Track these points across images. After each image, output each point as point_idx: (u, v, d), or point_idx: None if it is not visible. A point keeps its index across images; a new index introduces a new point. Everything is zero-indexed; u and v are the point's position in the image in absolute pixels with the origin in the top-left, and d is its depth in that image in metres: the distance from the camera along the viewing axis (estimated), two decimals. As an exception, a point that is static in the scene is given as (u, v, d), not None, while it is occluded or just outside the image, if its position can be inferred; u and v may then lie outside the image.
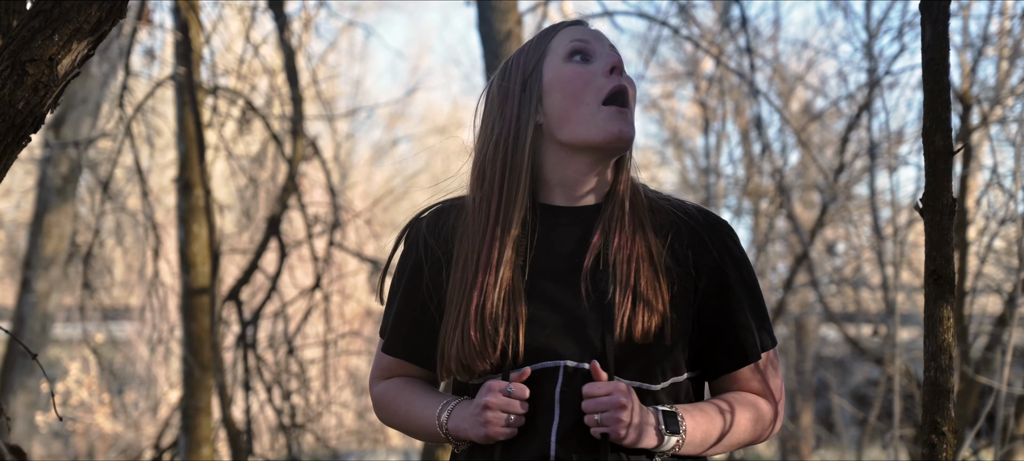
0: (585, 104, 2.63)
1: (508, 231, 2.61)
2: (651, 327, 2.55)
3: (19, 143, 2.67)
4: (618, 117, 2.62)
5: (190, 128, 8.10)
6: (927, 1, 2.69)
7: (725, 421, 2.66)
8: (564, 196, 2.68)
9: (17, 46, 2.60)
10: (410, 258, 2.74)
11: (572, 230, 2.65)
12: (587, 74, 2.65)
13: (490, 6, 7.40)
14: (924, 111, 2.69)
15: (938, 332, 2.67)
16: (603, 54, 2.68)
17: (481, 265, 2.60)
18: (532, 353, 2.57)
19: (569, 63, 2.66)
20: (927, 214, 2.67)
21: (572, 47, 2.68)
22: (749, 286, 2.69)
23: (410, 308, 2.73)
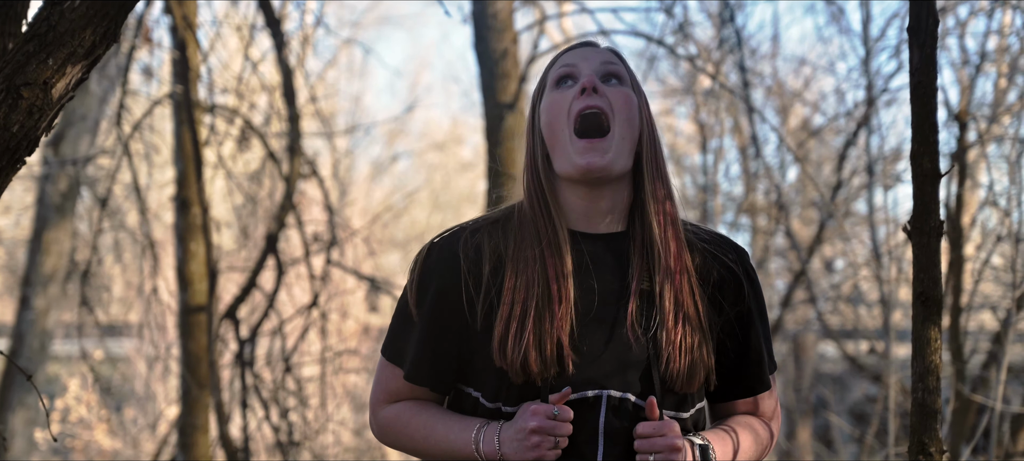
0: (561, 134, 2.63)
1: (562, 257, 2.60)
2: (691, 362, 2.57)
3: (14, 166, 2.69)
4: (586, 150, 2.59)
5: (188, 146, 8.12)
6: (915, 25, 2.71)
7: (735, 447, 2.68)
8: (584, 223, 2.67)
9: (12, 70, 2.62)
10: (433, 284, 2.68)
11: (605, 258, 2.64)
12: (563, 100, 2.64)
13: (486, 26, 7.45)
14: (912, 134, 2.72)
15: (926, 353, 2.69)
16: (585, 72, 2.66)
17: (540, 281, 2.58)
18: (579, 378, 2.56)
19: (554, 91, 2.67)
20: (915, 236, 2.69)
21: (560, 74, 2.69)
22: (764, 317, 2.73)
23: (432, 335, 2.68)
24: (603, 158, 2.59)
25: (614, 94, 2.64)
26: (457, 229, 2.73)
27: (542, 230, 2.62)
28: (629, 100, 2.65)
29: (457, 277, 2.65)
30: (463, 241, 2.68)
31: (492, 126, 7.38)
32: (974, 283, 8.29)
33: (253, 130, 8.28)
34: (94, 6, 2.61)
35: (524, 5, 8.42)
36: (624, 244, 2.65)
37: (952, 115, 8.12)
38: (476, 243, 2.68)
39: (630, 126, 2.64)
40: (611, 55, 2.74)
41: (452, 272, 2.66)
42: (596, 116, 2.61)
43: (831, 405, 13.27)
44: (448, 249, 2.69)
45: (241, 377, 8.29)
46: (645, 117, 2.70)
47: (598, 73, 2.67)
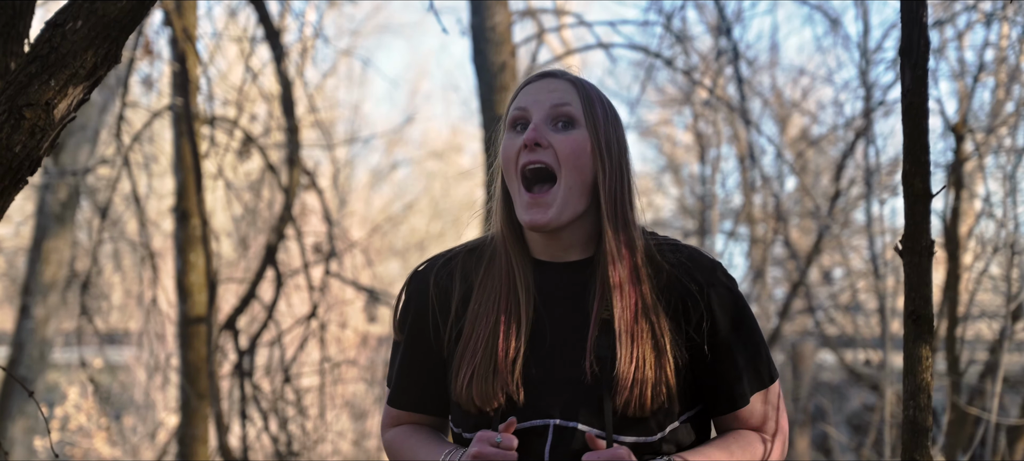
0: (512, 183, 2.65)
1: (516, 288, 2.64)
2: (649, 391, 2.58)
3: (16, 185, 2.72)
4: (531, 205, 2.60)
5: (187, 158, 8.16)
6: (907, 47, 2.74)
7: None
8: (546, 253, 2.70)
9: (14, 91, 2.65)
10: (411, 310, 2.76)
11: (566, 287, 2.67)
12: (513, 148, 2.64)
13: (484, 39, 7.47)
14: (904, 154, 2.74)
15: (917, 371, 2.72)
16: (535, 118, 2.64)
17: (484, 309, 2.64)
18: (527, 408, 2.60)
19: (507, 133, 2.69)
20: (906, 255, 2.72)
21: (513, 115, 2.69)
22: (741, 334, 2.70)
23: (412, 359, 2.76)
24: (545, 215, 2.60)
25: (561, 142, 2.62)
26: (436, 257, 2.80)
27: (502, 261, 2.67)
28: (576, 146, 2.63)
29: (429, 309, 2.73)
30: (437, 269, 2.76)
31: (491, 138, 7.41)
32: (970, 295, 8.31)
33: (253, 142, 8.31)
34: (96, 28, 2.64)
35: (522, 18, 8.45)
36: (587, 271, 2.67)
37: (949, 127, 8.15)
38: (449, 271, 2.74)
39: (579, 172, 2.62)
40: (565, 92, 2.69)
41: (425, 300, 2.74)
42: (539, 172, 2.62)
43: (829, 414, 13.29)
44: (424, 277, 2.76)
45: (240, 387, 8.32)
46: (603, 149, 2.67)
47: (548, 118, 2.64)
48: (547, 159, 2.61)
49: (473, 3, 7.57)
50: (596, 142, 2.65)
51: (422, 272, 2.78)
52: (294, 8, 9.84)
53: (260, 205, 9.80)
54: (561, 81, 2.71)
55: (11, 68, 3.16)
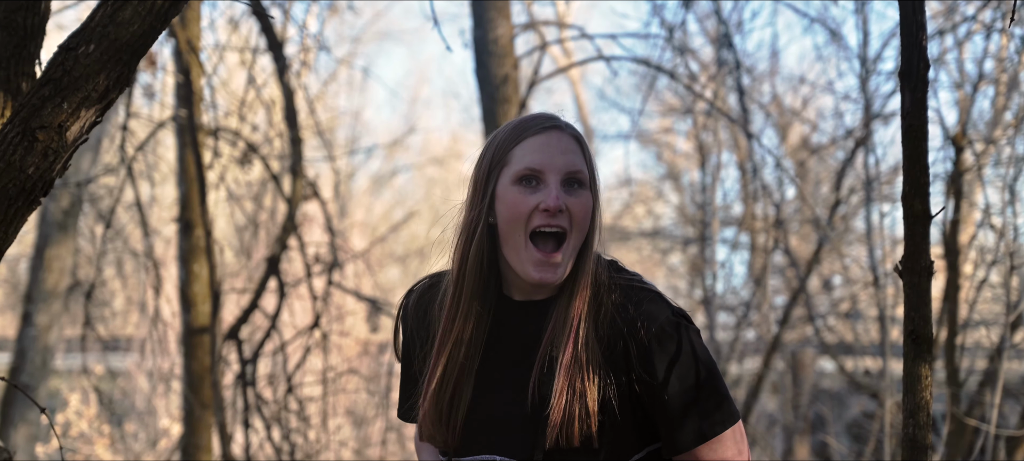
0: (519, 234, 2.69)
1: (468, 318, 2.72)
2: (581, 434, 2.64)
3: (30, 206, 2.76)
4: (541, 265, 2.68)
5: (191, 169, 8.19)
6: (906, 70, 2.78)
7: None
8: (520, 292, 2.77)
9: (28, 113, 2.69)
10: (399, 333, 2.92)
11: (523, 326, 2.75)
12: (524, 204, 2.69)
13: (487, 51, 7.50)
14: (904, 176, 2.78)
15: (916, 390, 2.76)
16: (552, 184, 2.69)
17: (440, 346, 2.74)
18: (468, 442, 2.73)
19: (516, 186, 2.70)
20: (906, 276, 2.76)
21: (524, 169, 2.70)
22: (681, 384, 2.70)
23: (407, 379, 2.92)
24: (555, 274, 2.69)
25: (575, 205, 2.70)
26: (427, 281, 2.91)
27: (459, 302, 2.74)
28: (586, 208, 2.71)
29: (410, 333, 2.89)
30: (417, 295, 2.89)
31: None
32: (970, 306, 8.34)
33: (255, 153, 8.35)
34: (108, 52, 2.68)
35: (525, 31, 8.48)
36: (545, 311, 2.74)
37: (948, 138, 8.18)
38: (430, 297, 2.86)
39: (582, 232, 2.72)
40: (574, 152, 2.75)
41: (407, 325, 2.90)
42: (558, 236, 2.70)
43: (829, 422, 13.32)
44: (407, 302, 2.92)
45: (243, 397, 8.35)
46: (599, 206, 2.78)
47: (563, 181, 2.71)
48: (564, 224, 2.69)
49: (476, 16, 7.61)
50: (595, 200, 2.75)
51: (409, 294, 2.92)
52: (295, 17, 9.88)
53: (262, 217, 9.84)
54: (568, 138, 2.76)
55: (22, 88, 3.21)
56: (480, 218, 2.73)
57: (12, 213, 2.74)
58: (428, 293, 2.87)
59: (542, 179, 2.69)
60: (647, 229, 17.31)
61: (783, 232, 11.99)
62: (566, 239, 2.69)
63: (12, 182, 2.70)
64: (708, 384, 2.71)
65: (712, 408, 2.71)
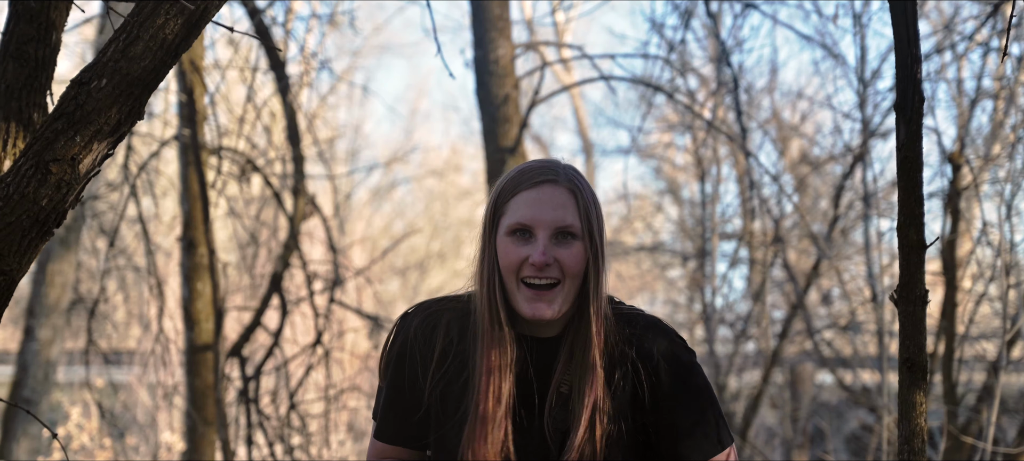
0: (512, 280, 2.85)
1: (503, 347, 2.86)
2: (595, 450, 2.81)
3: (43, 237, 2.82)
4: (534, 298, 2.83)
5: (194, 187, 8.25)
6: (902, 102, 2.83)
7: None
8: (527, 328, 2.92)
9: (41, 146, 2.75)
10: (394, 351, 2.98)
11: (539, 360, 2.90)
12: (517, 256, 2.85)
13: (487, 72, 7.56)
14: (899, 206, 2.83)
15: (912, 417, 2.81)
16: (540, 239, 2.84)
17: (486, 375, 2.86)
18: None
19: (510, 238, 2.87)
20: (901, 305, 2.81)
21: (516, 225, 2.87)
22: (685, 400, 2.90)
23: (396, 398, 2.98)
24: (550, 308, 2.84)
25: (565, 256, 2.85)
26: (421, 306, 3.01)
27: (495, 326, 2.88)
28: (576, 258, 2.85)
29: (412, 353, 2.95)
30: (421, 318, 2.98)
31: (494, 170, 7.53)
32: (967, 323, 8.38)
33: (258, 171, 8.40)
34: (120, 86, 2.74)
35: (525, 52, 8.55)
36: (553, 349, 2.90)
37: (946, 158, 8.23)
38: (433, 323, 2.96)
39: (577, 279, 2.87)
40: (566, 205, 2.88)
41: (407, 345, 2.96)
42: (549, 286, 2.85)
43: (828, 435, 13.34)
44: (409, 323, 2.99)
45: (246, 414, 8.39)
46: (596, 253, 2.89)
47: (553, 235, 2.85)
48: (554, 275, 2.84)
49: (476, 37, 7.68)
50: (590, 249, 2.87)
51: (408, 317, 3.00)
52: (296, 32, 9.94)
53: (264, 234, 9.89)
54: (562, 191, 2.89)
55: (34, 118, 3.27)
56: (486, 259, 2.90)
57: (26, 244, 2.80)
58: (435, 317, 2.96)
59: (533, 233, 2.85)
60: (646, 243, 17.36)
61: (782, 247, 12.02)
62: (560, 286, 2.84)
63: (26, 213, 2.76)
64: (711, 406, 2.91)
65: (713, 426, 2.91)
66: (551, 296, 2.83)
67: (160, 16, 2.74)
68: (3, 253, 2.79)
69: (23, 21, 3.23)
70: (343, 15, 10.02)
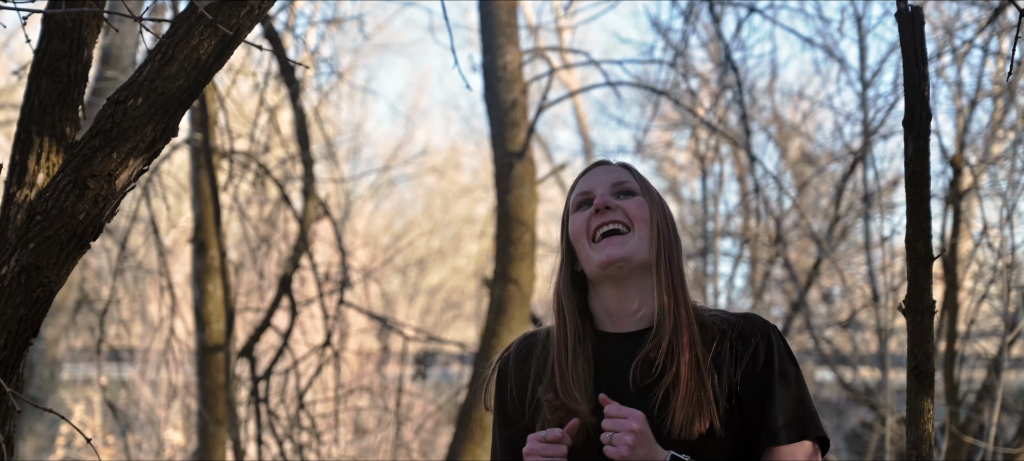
0: (584, 245, 2.94)
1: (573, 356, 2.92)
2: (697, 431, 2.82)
3: (80, 250, 2.92)
4: (604, 245, 2.91)
5: (206, 190, 8.33)
6: (910, 119, 2.92)
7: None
8: (611, 324, 2.97)
9: (79, 163, 2.85)
10: (494, 378, 3.10)
11: (623, 353, 2.93)
12: (583, 219, 2.95)
13: (496, 77, 7.65)
14: (907, 220, 2.92)
15: (919, 423, 2.91)
16: (599, 194, 2.96)
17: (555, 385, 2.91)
18: None
19: (576, 213, 2.98)
20: (909, 315, 2.90)
21: (578, 200, 3.00)
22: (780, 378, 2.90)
23: (502, 421, 3.06)
24: (622, 248, 2.90)
25: (627, 204, 2.95)
26: (519, 339, 3.13)
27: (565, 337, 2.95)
28: (640, 207, 2.95)
29: (507, 376, 3.06)
30: (517, 345, 3.10)
31: (501, 174, 7.63)
32: (969, 323, 8.46)
33: (268, 174, 8.49)
34: (155, 105, 2.84)
35: (533, 58, 8.64)
36: (640, 342, 2.93)
37: (948, 160, 8.30)
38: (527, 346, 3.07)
39: (646, 224, 2.94)
40: (622, 172, 3.03)
41: (505, 376, 3.07)
42: (614, 231, 2.93)
43: (828, 432, 13.41)
44: (506, 353, 3.10)
45: (256, 414, 8.48)
46: (660, 219, 2.97)
47: (611, 191, 2.97)
48: (618, 218, 2.93)
49: (485, 43, 7.77)
50: (652, 208, 2.97)
51: (507, 347, 3.12)
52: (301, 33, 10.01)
53: (264, 226, 9.95)
54: (615, 167, 3.04)
55: (66, 133, 3.36)
56: (563, 266, 3.00)
57: (64, 257, 2.90)
58: (530, 340, 3.07)
59: (592, 196, 2.96)
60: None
61: (783, 246, 12.10)
62: (630, 233, 2.92)
63: (64, 227, 2.86)
64: (800, 388, 2.92)
65: (806, 411, 2.91)
66: (621, 240, 2.90)
67: (194, 37, 2.83)
68: (42, 265, 2.88)
69: (56, 38, 3.32)
70: (353, 20, 10.11)
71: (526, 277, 7.69)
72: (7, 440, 3.14)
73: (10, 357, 2.94)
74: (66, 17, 3.29)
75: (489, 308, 7.91)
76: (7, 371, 2.94)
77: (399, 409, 9.32)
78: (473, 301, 21.29)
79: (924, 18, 3.03)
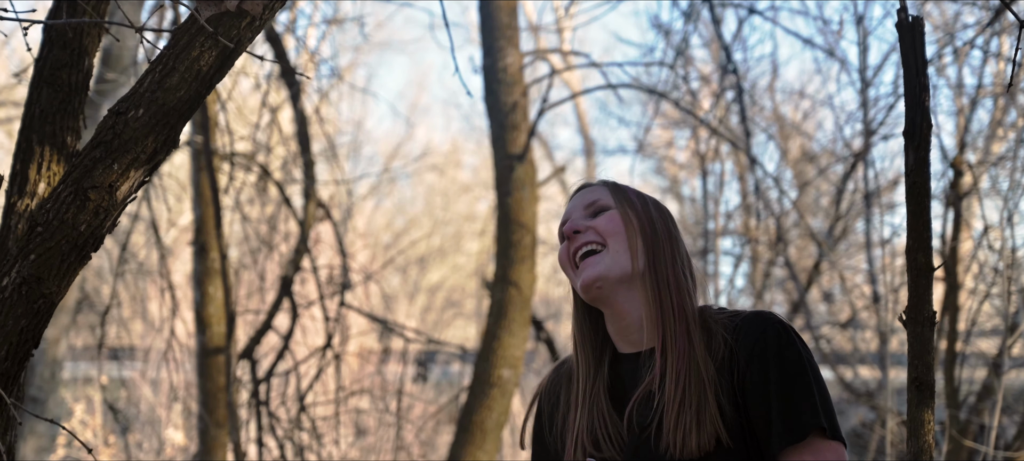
0: (570, 274, 2.94)
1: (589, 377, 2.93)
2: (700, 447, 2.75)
3: (81, 261, 2.92)
4: (582, 268, 2.88)
5: (206, 193, 8.34)
6: (910, 129, 2.91)
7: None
8: (624, 343, 2.94)
9: (80, 174, 2.85)
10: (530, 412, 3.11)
11: (634, 373, 2.90)
12: (563, 250, 2.94)
13: (496, 79, 7.65)
14: (908, 230, 2.91)
15: (920, 434, 2.90)
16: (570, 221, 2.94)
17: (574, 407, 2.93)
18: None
19: (561, 246, 2.97)
20: (910, 325, 2.90)
21: (559, 232, 2.98)
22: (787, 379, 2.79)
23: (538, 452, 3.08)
24: (596, 268, 2.86)
25: (598, 222, 2.90)
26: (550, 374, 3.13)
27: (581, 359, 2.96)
28: (612, 218, 2.90)
29: (540, 409, 3.09)
30: (548, 377, 3.12)
31: (502, 176, 7.63)
32: (970, 324, 8.46)
33: (268, 176, 8.49)
34: (156, 116, 2.83)
35: (534, 60, 8.64)
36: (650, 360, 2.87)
37: (949, 163, 8.30)
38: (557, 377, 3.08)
39: (620, 236, 2.89)
40: (597, 190, 2.98)
41: (539, 405, 3.10)
42: (589, 252, 2.89)
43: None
44: (541, 385, 3.12)
45: (257, 416, 8.48)
46: (643, 224, 2.91)
47: (582, 215, 2.94)
48: (589, 238, 2.88)
49: (485, 45, 7.77)
50: (629, 217, 2.90)
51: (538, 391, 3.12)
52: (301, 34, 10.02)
53: (265, 228, 9.96)
54: (592, 187, 3.01)
55: (67, 142, 3.36)
56: (575, 300, 3.00)
57: (65, 268, 2.90)
58: (555, 383, 3.07)
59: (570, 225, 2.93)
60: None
61: (783, 245, 12.11)
62: (605, 250, 2.87)
63: (65, 239, 2.86)
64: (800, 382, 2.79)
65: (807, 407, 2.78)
66: (595, 259, 2.86)
67: (195, 48, 2.83)
68: (43, 277, 2.88)
69: (57, 47, 3.33)
70: (354, 21, 10.11)
71: (527, 280, 7.69)
72: (8, 449, 3.14)
73: (11, 368, 2.94)
74: (67, 26, 3.29)
75: (489, 311, 7.90)
76: (8, 382, 2.94)
77: (400, 410, 9.31)
78: (473, 300, 21.32)
79: (924, 27, 3.03)
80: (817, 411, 2.79)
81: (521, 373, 7.94)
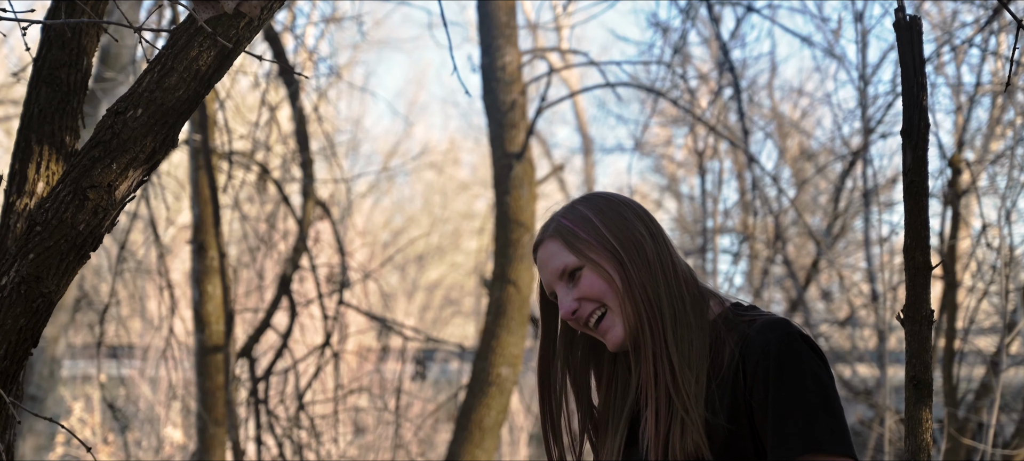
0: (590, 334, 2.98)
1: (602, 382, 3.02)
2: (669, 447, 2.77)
3: (80, 261, 2.93)
4: (605, 336, 2.88)
5: (205, 192, 8.34)
6: (908, 128, 2.92)
7: None
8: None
9: (78, 173, 2.85)
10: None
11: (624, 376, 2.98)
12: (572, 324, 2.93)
13: (494, 78, 7.65)
14: (906, 229, 2.91)
15: (918, 433, 2.91)
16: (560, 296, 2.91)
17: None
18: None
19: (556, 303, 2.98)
20: (908, 324, 2.90)
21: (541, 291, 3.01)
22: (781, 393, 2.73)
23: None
24: (610, 337, 2.88)
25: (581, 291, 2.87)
26: None
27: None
28: (590, 284, 2.86)
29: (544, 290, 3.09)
30: None
31: (500, 175, 7.63)
32: (968, 323, 8.47)
33: (267, 175, 8.49)
34: (155, 116, 2.84)
35: (532, 59, 8.64)
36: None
37: (947, 161, 8.31)
38: None
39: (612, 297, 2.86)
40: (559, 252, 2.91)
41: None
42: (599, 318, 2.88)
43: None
44: None
45: (256, 415, 8.49)
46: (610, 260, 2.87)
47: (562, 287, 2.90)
48: (590, 309, 2.87)
49: (484, 44, 7.77)
50: (597, 268, 2.86)
51: None
52: (300, 32, 10.01)
53: (263, 226, 9.97)
54: (550, 243, 2.93)
55: (66, 141, 3.36)
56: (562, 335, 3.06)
57: (64, 267, 2.91)
58: None
59: (554, 293, 2.93)
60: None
61: (781, 243, 12.12)
62: (607, 313, 2.86)
63: (64, 238, 2.86)
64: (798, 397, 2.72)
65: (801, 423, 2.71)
66: (603, 328, 2.87)
67: (194, 48, 2.84)
68: (42, 276, 2.89)
69: (55, 47, 3.33)
70: (352, 19, 10.12)
71: (525, 278, 7.70)
72: (7, 448, 3.14)
73: (10, 367, 2.94)
74: (65, 26, 3.29)
75: (488, 309, 7.91)
76: (7, 381, 2.95)
77: (398, 408, 9.32)
78: (472, 298, 21.33)
79: (922, 27, 3.03)
80: (810, 429, 2.71)
81: (520, 371, 7.94)
